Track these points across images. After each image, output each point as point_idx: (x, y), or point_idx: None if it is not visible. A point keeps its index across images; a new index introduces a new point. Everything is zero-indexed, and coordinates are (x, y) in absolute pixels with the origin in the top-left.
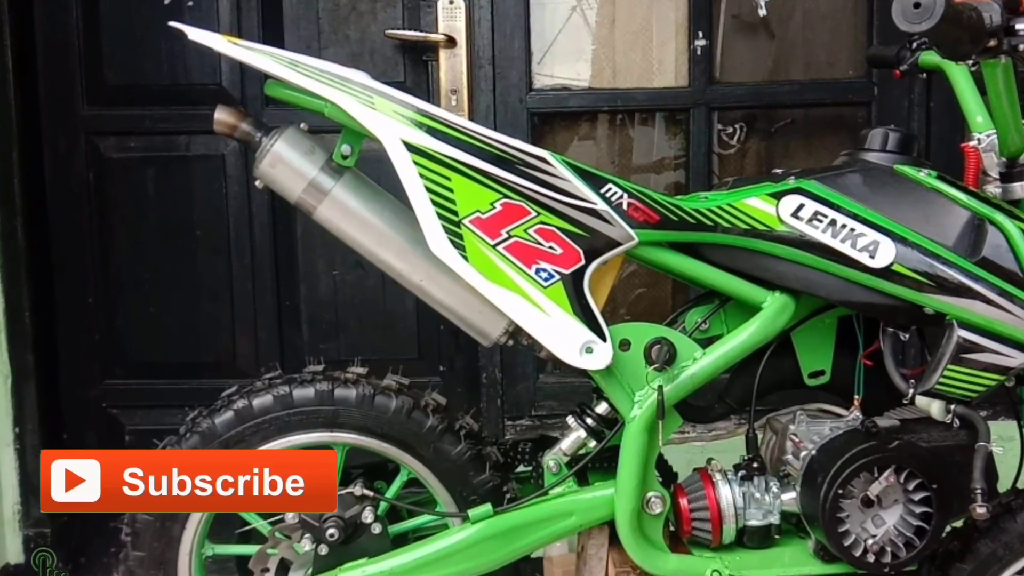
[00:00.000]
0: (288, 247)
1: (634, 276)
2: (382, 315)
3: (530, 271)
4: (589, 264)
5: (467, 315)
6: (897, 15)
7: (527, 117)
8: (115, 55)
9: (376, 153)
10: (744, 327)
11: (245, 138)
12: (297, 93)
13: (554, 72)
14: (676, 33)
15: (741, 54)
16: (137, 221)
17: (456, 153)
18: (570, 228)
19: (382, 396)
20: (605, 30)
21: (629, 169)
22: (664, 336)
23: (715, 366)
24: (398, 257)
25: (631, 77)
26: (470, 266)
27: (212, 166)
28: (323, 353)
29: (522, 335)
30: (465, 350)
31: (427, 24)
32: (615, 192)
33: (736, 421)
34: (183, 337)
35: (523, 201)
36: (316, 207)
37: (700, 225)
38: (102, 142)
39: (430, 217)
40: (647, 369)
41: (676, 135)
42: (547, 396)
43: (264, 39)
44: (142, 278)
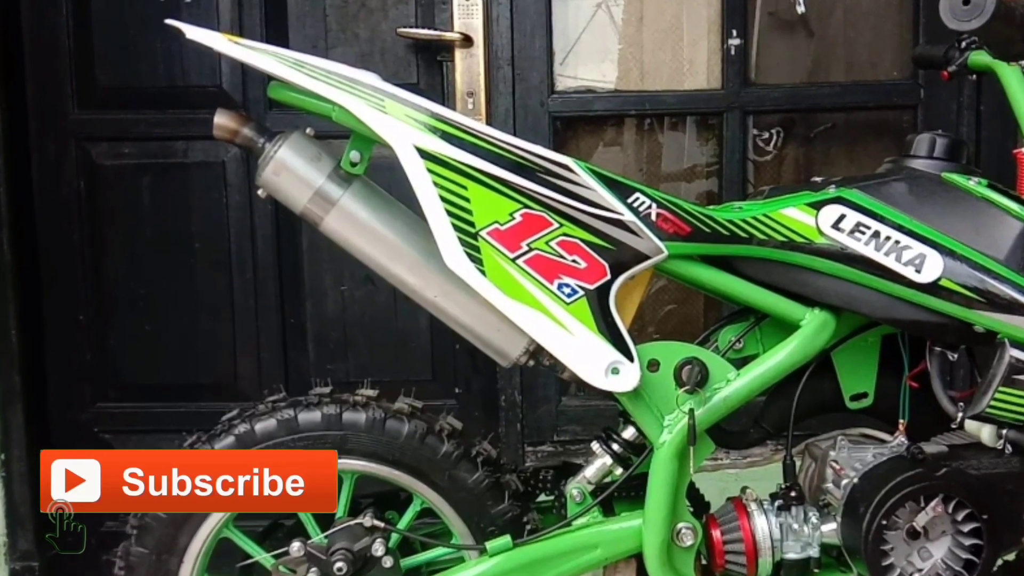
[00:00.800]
0: (293, 261)
1: (663, 292)
2: (394, 334)
3: (552, 286)
4: (615, 279)
5: (484, 333)
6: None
7: (549, 121)
8: (108, 55)
9: (387, 160)
10: (781, 346)
11: (247, 144)
12: (302, 96)
13: (577, 73)
14: (708, 31)
15: (778, 54)
16: (131, 233)
17: (473, 160)
18: (595, 240)
19: (393, 420)
20: (632, 28)
21: (658, 177)
22: (695, 356)
23: (750, 388)
24: (411, 271)
25: (660, 79)
26: (488, 281)
27: (212, 174)
28: (330, 374)
29: (543, 355)
30: (482, 371)
31: (442, 22)
32: (643, 202)
33: (772, 447)
34: (181, 357)
35: (544, 211)
36: (323, 218)
37: (734, 237)
38: (94, 148)
39: (445, 229)
40: (677, 391)
41: (708, 141)
42: (570, 420)
43: (267, 38)
44: (137, 294)
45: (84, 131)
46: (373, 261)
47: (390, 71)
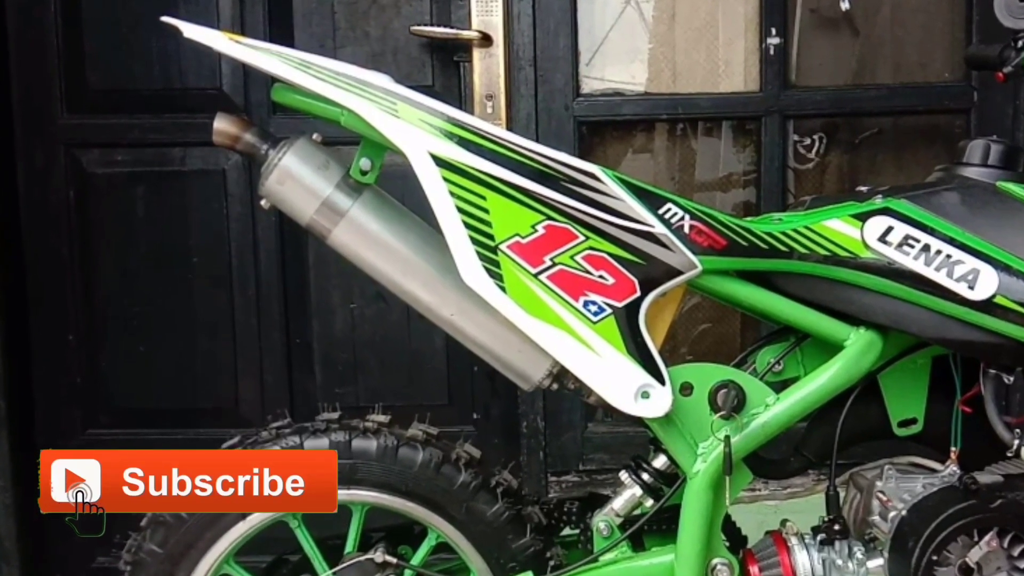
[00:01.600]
0: (298, 277)
1: (697, 310)
2: (407, 355)
3: (577, 304)
4: (645, 296)
5: (505, 355)
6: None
7: (574, 126)
8: (99, 55)
9: (400, 168)
10: (824, 368)
11: (249, 151)
12: (309, 99)
13: (605, 75)
14: (746, 30)
15: (820, 54)
16: (125, 247)
17: (492, 168)
18: (623, 254)
19: (407, 448)
20: (664, 26)
21: (691, 186)
22: (732, 379)
23: (791, 413)
24: (425, 288)
25: (694, 80)
26: (508, 298)
27: (211, 183)
28: (339, 399)
29: (568, 378)
30: (502, 395)
31: (459, 19)
32: (675, 213)
33: (814, 477)
34: (178, 380)
35: (569, 223)
36: (331, 230)
37: (773, 251)
38: (84, 155)
39: (462, 242)
40: (712, 417)
41: (745, 147)
42: (597, 448)
43: (271, 37)
44: (130, 312)
45: (74, 137)
46: (385, 277)
47: (403, 72)
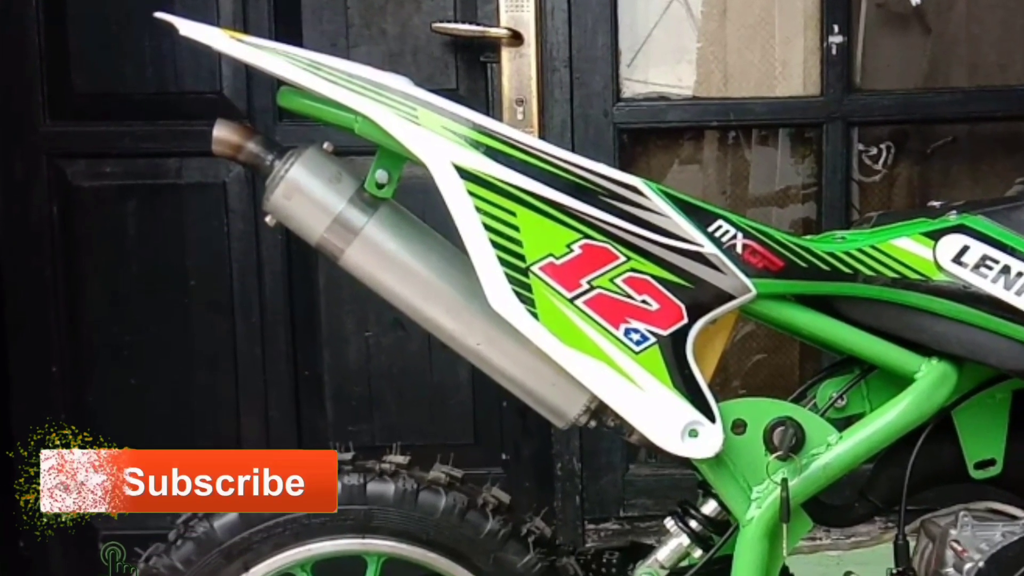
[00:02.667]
0: (307, 302)
1: (751, 338)
2: (428, 389)
3: (618, 332)
4: (693, 323)
5: (537, 389)
6: None
7: (614, 134)
8: (86, 55)
9: (420, 181)
10: (892, 404)
11: (252, 161)
12: (318, 104)
13: (648, 77)
14: (805, 27)
15: (888, 54)
16: (114, 268)
17: (523, 181)
18: (669, 277)
19: (428, 492)
20: (714, 23)
21: (745, 201)
22: (789, 416)
23: (855, 454)
24: (449, 314)
25: (747, 84)
26: (541, 326)
27: (210, 197)
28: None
29: (607, 414)
30: (534, 433)
31: (486, 15)
32: (727, 231)
33: (882, 524)
34: (173, 417)
35: (609, 243)
36: (344, 250)
37: (835, 273)
38: (69, 167)
39: (490, 263)
40: (768, 458)
41: (805, 157)
42: (639, 492)
43: (277, 35)
44: (121, 341)
45: (58, 146)
46: (403, 302)
47: (424, 74)
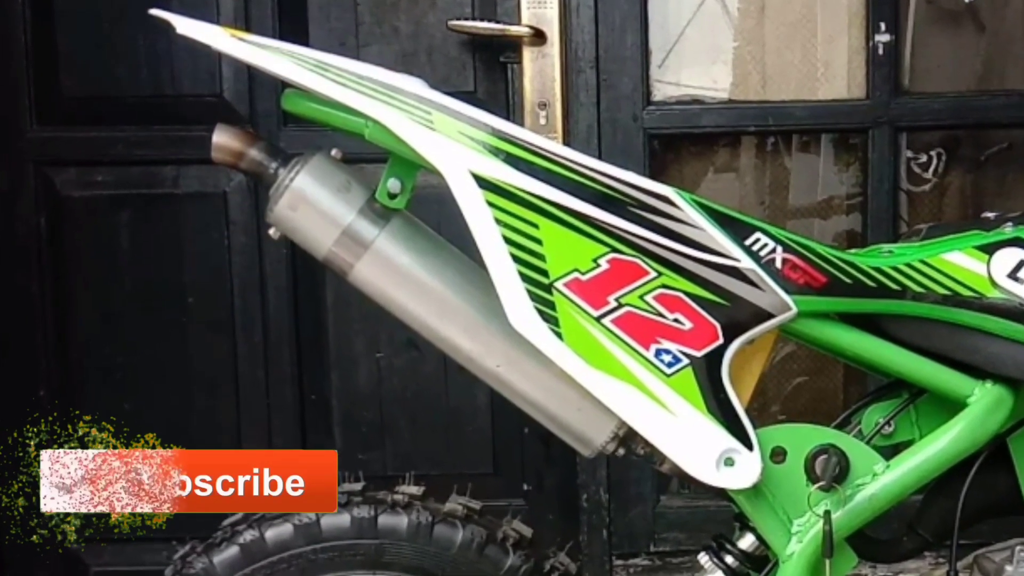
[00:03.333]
0: (314, 320)
1: (792, 360)
2: (444, 414)
3: (648, 353)
4: (729, 344)
5: (561, 414)
6: None
7: (644, 140)
8: (76, 56)
9: (436, 190)
10: (943, 430)
11: (255, 169)
12: (326, 108)
13: (681, 79)
14: (849, 25)
15: (939, 54)
16: (107, 284)
17: (546, 191)
18: (703, 294)
19: (444, 526)
20: (752, 21)
21: (784, 212)
22: (833, 443)
23: (903, 484)
24: (466, 334)
25: (787, 86)
26: (565, 346)
27: (209, 208)
28: (363, 466)
29: (636, 441)
30: (558, 462)
31: (506, 12)
32: (765, 244)
33: (932, 560)
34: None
35: (638, 257)
36: (353, 265)
37: (882, 290)
38: (58, 175)
39: (510, 279)
40: (809, 488)
41: (849, 165)
42: (671, 525)
43: (281, 33)
44: (113, 363)
45: (46, 153)
46: (417, 320)
47: (439, 75)
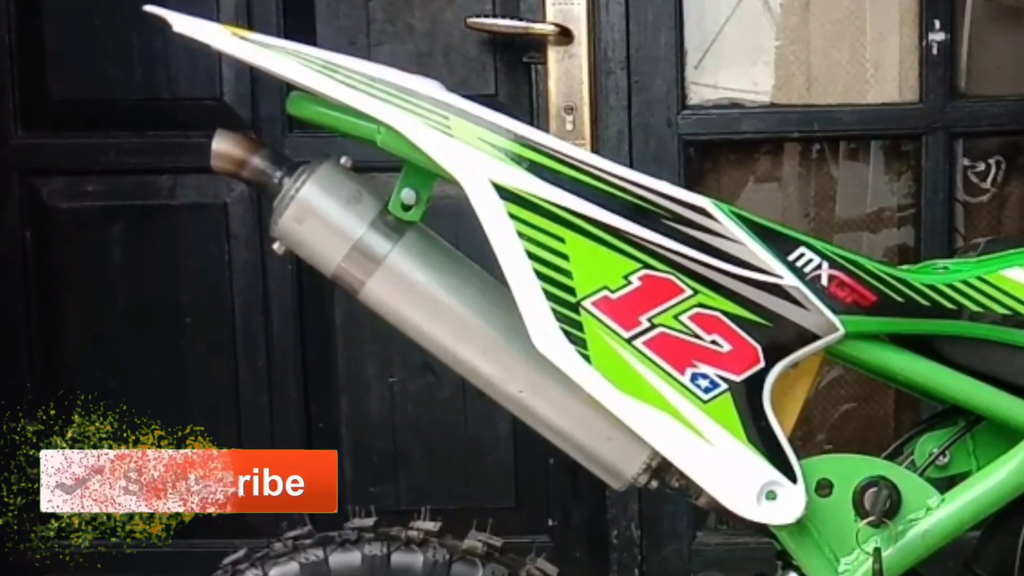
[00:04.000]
0: (322, 342)
1: (838, 385)
2: (462, 443)
3: (683, 378)
4: (771, 367)
5: (589, 443)
6: None
7: (678, 147)
8: (65, 56)
9: (454, 202)
10: (1002, 461)
11: (258, 179)
12: (335, 112)
13: (719, 80)
14: (901, 23)
15: (998, 54)
16: (97, 303)
17: (573, 202)
18: (743, 314)
19: (463, 564)
20: (795, 18)
21: (831, 225)
22: (883, 475)
23: (959, 519)
24: (486, 357)
25: (834, 88)
26: (594, 370)
27: (209, 220)
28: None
29: (671, 473)
30: (586, 496)
31: (529, 9)
32: (810, 260)
33: None
34: None
35: (673, 273)
36: (364, 282)
37: (937, 309)
38: (45, 185)
39: (535, 297)
40: (858, 524)
41: (901, 174)
42: (708, 564)
43: (286, 32)
44: (105, 388)
45: (32, 161)
46: (433, 342)
47: (457, 77)
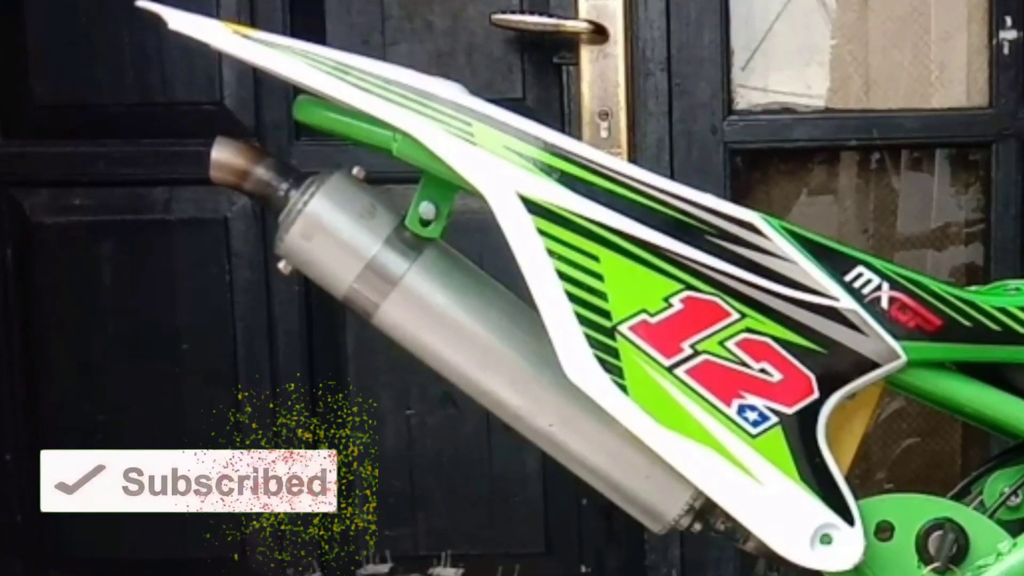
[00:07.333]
0: (333, 370)
1: (900, 418)
2: (487, 482)
3: (729, 410)
4: (826, 398)
5: (626, 482)
6: None
7: (724, 157)
8: (50, 58)
9: (477, 216)
10: None
11: (262, 191)
12: (346, 118)
13: (768, 83)
14: (968, 20)
15: None
16: (85, 328)
17: (608, 216)
18: (795, 340)
19: None
20: (852, 15)
21: (892, 242)
22: (949, 517)
23: None
24: (513, 387)
25: (895, 92)
26: (631, 402)
27: (208, 237)
28: (391, 544)
29: (715, 514)
30: (622, 539)
31: (560, 5)
32: (869, 280)
33: None
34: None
35: (718, 295)
36: (379, 305)
37: (1008, 334)
38: (28, 198)
39: (566, 321)
40: (922, 570)
41: (969, 186)
42: None
43: (293, 30)
44: (93, 423)
45: (13, 172)
46: (455, 371)
47: (481, 80)
